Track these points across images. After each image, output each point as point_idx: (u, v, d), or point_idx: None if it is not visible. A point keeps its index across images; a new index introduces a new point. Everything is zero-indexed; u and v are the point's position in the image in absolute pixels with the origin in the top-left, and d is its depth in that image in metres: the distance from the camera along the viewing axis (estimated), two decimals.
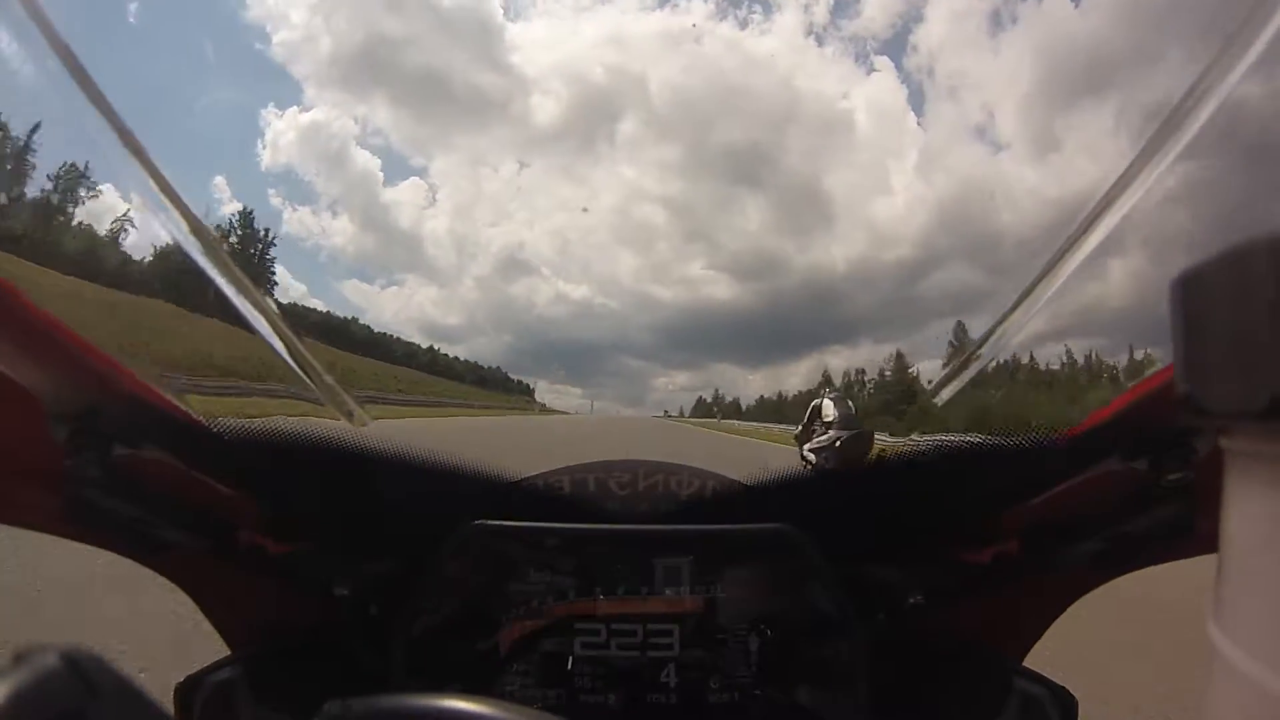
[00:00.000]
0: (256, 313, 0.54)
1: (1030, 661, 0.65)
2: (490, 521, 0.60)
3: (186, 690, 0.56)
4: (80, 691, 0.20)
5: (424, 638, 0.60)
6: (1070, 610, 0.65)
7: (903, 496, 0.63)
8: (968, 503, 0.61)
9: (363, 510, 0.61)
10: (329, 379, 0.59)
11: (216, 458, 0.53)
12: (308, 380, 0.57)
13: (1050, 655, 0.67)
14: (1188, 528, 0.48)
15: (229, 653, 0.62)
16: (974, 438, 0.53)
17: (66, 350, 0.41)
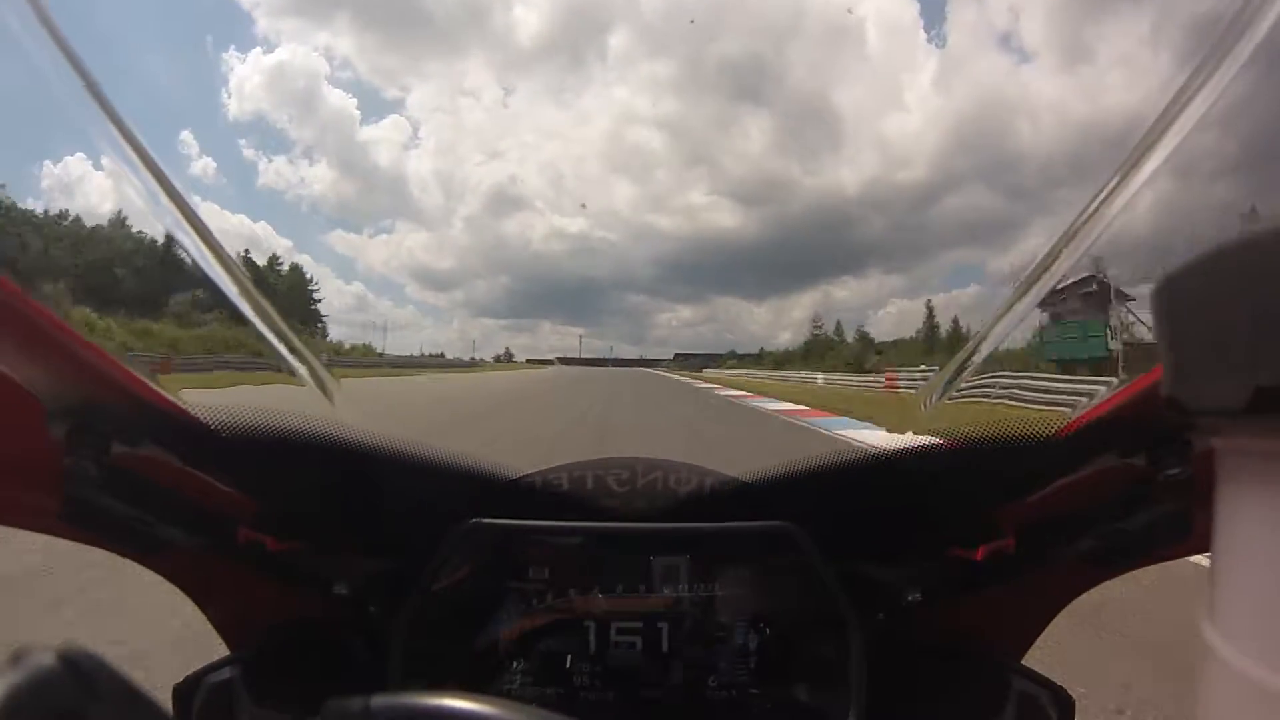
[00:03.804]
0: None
1: (1028, 660, 0.65)
2: (489, 520, 0.60)
3: (185, 690, 0.56)
4: (79, 692, 0.20)
5: (423, 636, 0.60)
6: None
7: (901, 494, 0.63)
8: (966, 500, 0.61)
9: (362, 508, 0.61)
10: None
11: (215, 456, 0.53)
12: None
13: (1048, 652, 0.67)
14: (1186, 525, 0.48)
15: (228, 652, 0.62)
16: (972, 435, 0.53)
17: (65, 348, 0.41)
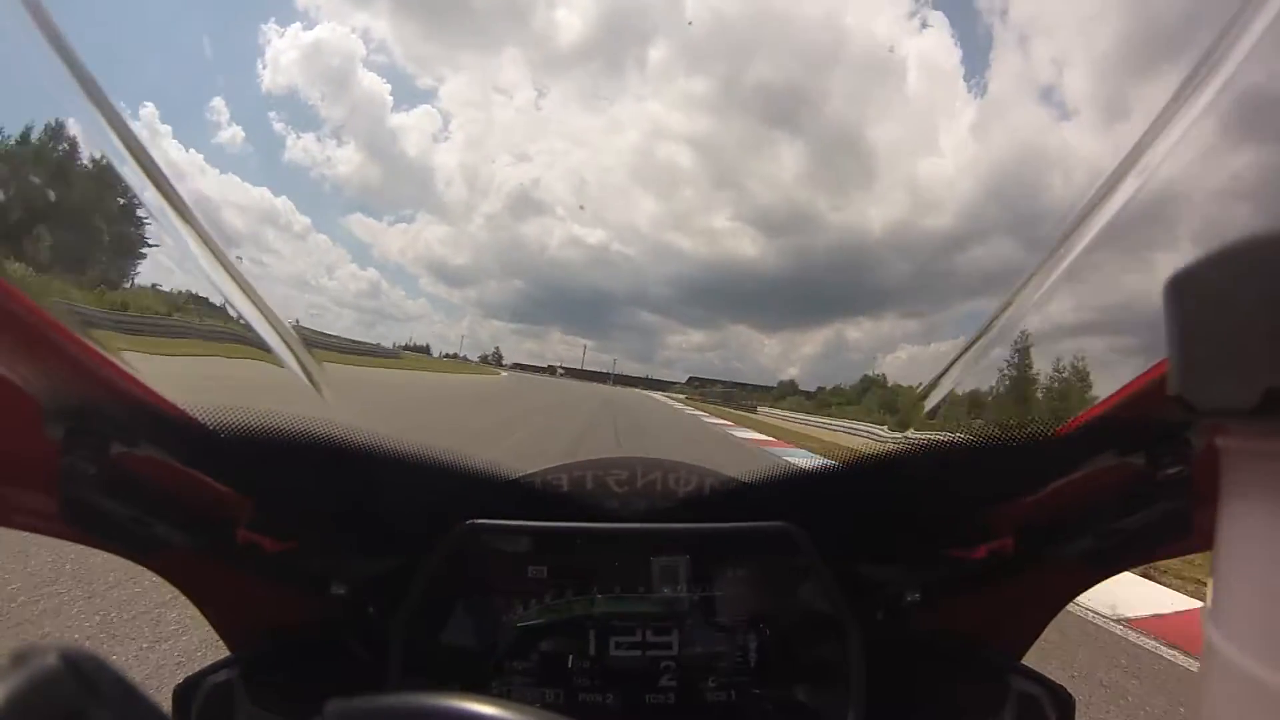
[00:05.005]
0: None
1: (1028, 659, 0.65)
2: (486, 521, 0.60)
3: (184, 692, 0.55)
4: (80, 693, 0.20)
5: (422, 637, 0.60)
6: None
7: (900, 494, 0.63)
8: (965, 500, 0.61)
9: (360, 509, 0.61)
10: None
11: (214, 456, 0.53)
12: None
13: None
14: (1184, 524, 0.48)
15: (227, 653, 0.62)
16: (970, 435, 0.54)
17: (63, 348, 0.41)
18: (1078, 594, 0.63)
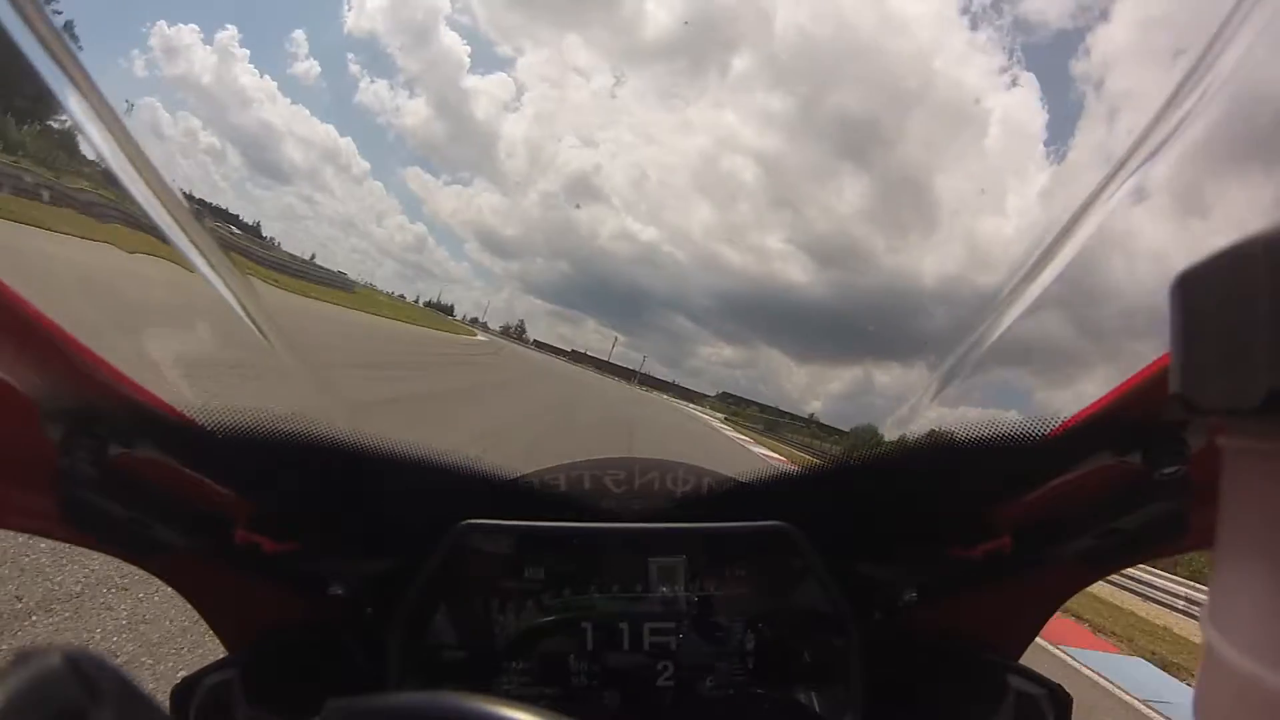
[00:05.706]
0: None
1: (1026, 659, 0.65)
2: (484, 521, 0.60)
3: (184, 691, 0.55)
4: (81, 693, 0.20)
5: (420, 637, 0.60)
6: None
7: (898, 494, 0.63)
8: (963, 499, 0.61)
9: (359, 509, 0.61)
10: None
11: (212, 457, 0.53)
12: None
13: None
14: (1182, 522, 0.48)
15: (225, 654, 0.62)
16: (968, 434, 0.54)
17: (61, 350, 0.41)
18: (1075, 593, 0.64)
